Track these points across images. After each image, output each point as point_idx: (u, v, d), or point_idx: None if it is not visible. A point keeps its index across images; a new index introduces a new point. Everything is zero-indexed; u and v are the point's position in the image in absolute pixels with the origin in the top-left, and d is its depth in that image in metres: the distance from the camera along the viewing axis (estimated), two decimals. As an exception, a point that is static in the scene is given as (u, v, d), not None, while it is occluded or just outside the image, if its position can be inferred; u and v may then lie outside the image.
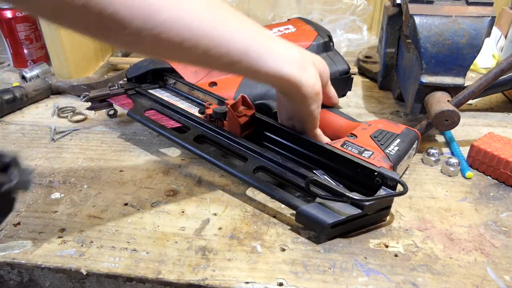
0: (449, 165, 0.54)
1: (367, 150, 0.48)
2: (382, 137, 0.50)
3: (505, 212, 0.48)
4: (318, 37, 0.68)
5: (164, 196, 0.51)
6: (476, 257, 0.42)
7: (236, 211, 0.48)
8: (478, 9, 0.57)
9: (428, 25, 0.57)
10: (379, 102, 0.75)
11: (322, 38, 0.68)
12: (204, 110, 0.57)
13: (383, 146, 0.49)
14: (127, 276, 0.40)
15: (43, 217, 0.48)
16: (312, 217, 0.43)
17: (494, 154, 0.53)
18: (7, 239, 0.44)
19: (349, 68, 0.67)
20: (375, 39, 0.99)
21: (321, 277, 0.40)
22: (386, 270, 0.41)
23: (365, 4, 0.97)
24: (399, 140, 0.50)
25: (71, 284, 0.42)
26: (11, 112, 0.71)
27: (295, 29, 0.69)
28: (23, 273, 0.43)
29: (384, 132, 0.51)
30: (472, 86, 0.57)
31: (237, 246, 0.43)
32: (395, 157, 0.47)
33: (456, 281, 0.40)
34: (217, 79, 0.64)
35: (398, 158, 0.48)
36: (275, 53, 0.43)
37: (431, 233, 0.45)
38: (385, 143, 0.49)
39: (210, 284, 0.39)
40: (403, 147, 0.49)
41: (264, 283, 0.39)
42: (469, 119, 0.69)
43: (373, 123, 0.53)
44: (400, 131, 0.52)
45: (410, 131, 0.52)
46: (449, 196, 0.51)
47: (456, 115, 0.54)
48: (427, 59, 0.57)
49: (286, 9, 1.03)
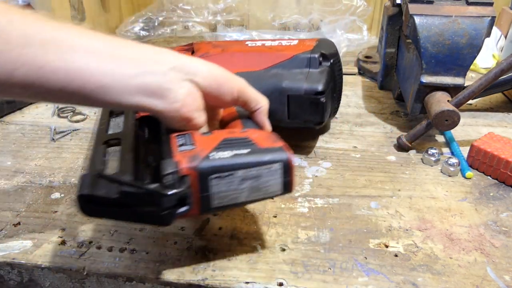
0: (449, 165, 0.54)
1: (192, 145, 0.37)
2: (230, 142, 0.38)
3: (505, 212, 0.48)
4: (306, 52, 0.57)
5: (164, 196, 0.51)
6: (476, 257, 0.42)
7: (236, 211, 0.48)
8: (478, 9, 0.57)
9: (428, 25, 0.57)
10: (379, 102, 0.75)
11: (311, 54, 0.56)
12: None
13: (216, 149, 0.36)
14: (127, 276, 0.40)
15: (43, 217, 0.48)
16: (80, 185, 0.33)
17: (494, 154, 0.53)
18: (7, 239, 0.44)
19: (321, 90, 0.53)
20: (375, 39, 0.99)
21: (321, 277, 0.40)
22: (386, 270, 0.41)
23: (365, 5, 0.98)
24: (243, 153, 0.36)
25: (71, 284, 0.42)
26: (11, 112, 0.71)
27: (297, 42, 0.62)
28: (23, 273, 0.43)
29: (240, 140, 0.38)
30: (472, 86, 0.57)
31: (237, 246, 0.43)
32: (209, 163, 0.35)
33: (456, 281, 0.40)
34: None
35: (217, 167, 0.35)
36: (117, 81, 0.34)
37: (431, 233, 0.45)
38: (222, 148, 0.37)
39: (210, 284, 0.39)
40: (236, 161, 0.35)
41: (264, 283, 0.39)
42: (469, 119, 0.69)
43: (254, 132, 0.40)
44: (264, 146, 0.37)
45: (275, 154, 0.36)
46: (449, 196, 0.51)
47: (456, 115, 0.54)
48: (427, 59, 0.57)
49: (286, 9, 1.03)
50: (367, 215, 0.48)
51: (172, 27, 1.05)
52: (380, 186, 0.53)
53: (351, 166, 0.56)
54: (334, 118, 0.69)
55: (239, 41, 0.65)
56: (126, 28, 0.98)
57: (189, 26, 1.05)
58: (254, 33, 0.98)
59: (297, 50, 0.58)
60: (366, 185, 0.53)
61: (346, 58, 0.92)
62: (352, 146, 0.61)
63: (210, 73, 0.38)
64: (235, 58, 0.59)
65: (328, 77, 0.56)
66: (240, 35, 0.99)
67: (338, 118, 0.69)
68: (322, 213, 0.48)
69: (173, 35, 1.05)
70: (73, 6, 0.77)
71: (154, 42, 1.04)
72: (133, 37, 0.98)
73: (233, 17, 1.05)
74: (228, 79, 0.40)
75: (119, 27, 0.98)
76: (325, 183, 0.53)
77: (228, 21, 1.05)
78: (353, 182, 0.53)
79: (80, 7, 0.79)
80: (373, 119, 0.69)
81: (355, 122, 0.68)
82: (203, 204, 0.36)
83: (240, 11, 1.04)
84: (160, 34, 1.03)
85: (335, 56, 0.58)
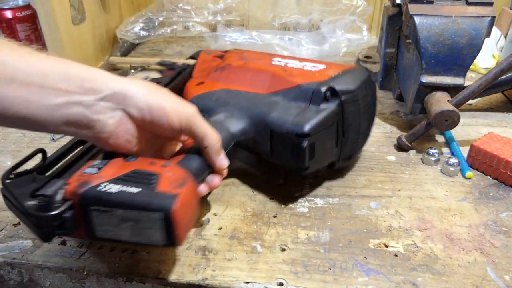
0: (449, 165, 0.54)
1: (97, 170, 0.37)
2: (134, 175, 0.36)
3: (505, 212, 0.48)
4: (314, 83, 0.48)
5: (164, 196, 0.51)
6: (476, 257, 0.42)
7: (236, 211, 0.48)
8: (478, 9, 0.57)
9: (428, 25, 0.57)
10: (379, 102, 0.75)
11: (318, 86, 0.47)
12: None
13: (115, 179, 0.35)
14: (127, 276, 0.40)
15: (43, 217, 0.48)
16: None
17: (494, 154, 0.53)
18: (7, 239, 0.44)
19: (305, 133, 0.44)
20: (375, 39, 0.99)
21: (321, 277, 0.40)
22: (386, 270, 0.41)
23: (365, 5, 0.98)
24: (131, 192, 0.34)
25: (71, 284, 0.42)
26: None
27: (323, 67, 0.52)
28: (23, 273, 0.43)
29: (146, 175, 0.36)
30: (472, 86, 0.57)
31: (237, 246, 0.43)
32: (92, 193, 0.34)
33: (456, 281, 0.40)
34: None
35: (97, 200, 0.34)
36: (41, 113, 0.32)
37: (431, 233, 0.45)
38: (121, 180, 0.35)
39: (210, 284, 0.39)
40: (116, 199, 0.34)
41: (264, 283, 0.39)
42: (469, 119, 0.69)
43: (169, 170, 0.37)
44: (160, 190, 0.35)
45: (161, 202, 0.33)
46: (449, 196, 0.51)
47: (456, 115, 0.54)
48: (427, 59, 0.57)
49: (286, 9, 1.03)
50: (367, 215, 0.48)
51: (172, 27, 1.05)
52: (380, 186, 0.53)
53: (351, 166, 0.56)
54: None
55: (268, 56, 0.57)
56: (126, 28, 0.98)
57: (189, 26, 1.05)
58: (254, 33, 0.98)
59: (308, 78, 0.50)
60: (366, 185, 0.53)
61: (346, 58, 0.92)
62: (352, 146, 0.61)
63: (148, 102, 0.36)
64: (248, 75, 0.54)
65: (327, 118, 0.46)
66: (240, 35, 0.99)
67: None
68: (322, 213, 0.48)
69: (173, 35, 1.05)
70: (73, 6, 0.77)
71: (154, 42, 1.04)
72: (133, 37, 0.98)
73: (233, 17, 1.05)
74: (172, 109, 0.37)
75: (119, 27, 0.98)
76: (325, 183, 0.53)
77: (228, 21, 1.05)
78: (353, 182, 0.53)
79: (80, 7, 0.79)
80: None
81: (355, 122, 0.68)
82: (88, 231, 0.35)
83: (240, 11, 1.04)
84: (160, 34, 1.03)
85: (350, 93, 0.47)
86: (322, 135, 0.46)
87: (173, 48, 1.01)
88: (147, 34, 1.01)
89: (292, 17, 1.04)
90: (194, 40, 1.05)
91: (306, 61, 0.55)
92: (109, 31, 0.95)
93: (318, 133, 0.45)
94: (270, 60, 0.56)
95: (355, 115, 0.49)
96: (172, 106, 0.37)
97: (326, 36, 0.95)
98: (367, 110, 0.51)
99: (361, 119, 0.50)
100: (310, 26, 1.04)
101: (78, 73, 0.34)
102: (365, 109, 0.50)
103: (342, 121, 0.48)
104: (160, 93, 0.38)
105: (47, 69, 0.33)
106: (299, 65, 0.54)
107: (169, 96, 0.38)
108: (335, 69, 0.51)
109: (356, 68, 0.52)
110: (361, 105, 0.49)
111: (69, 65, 0.34)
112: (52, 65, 0.33)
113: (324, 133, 0.46)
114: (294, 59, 0.55)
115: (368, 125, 0.53)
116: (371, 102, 0.52)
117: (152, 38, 1.03)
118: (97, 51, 0.88)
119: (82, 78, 0.34)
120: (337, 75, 0.50)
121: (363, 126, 0.51)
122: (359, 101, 0.49)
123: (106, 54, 0.93)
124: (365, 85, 0.50)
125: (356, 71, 0.51)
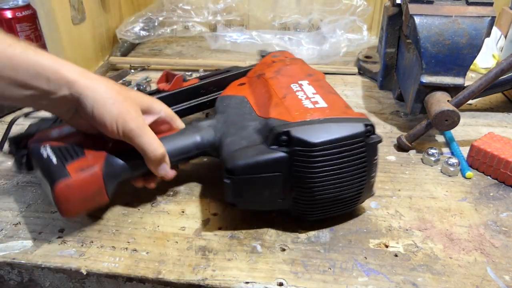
0: (449, 165, 0.54)
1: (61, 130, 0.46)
2: (65, 149, 0.43)
3: (505, 212, 0.48)
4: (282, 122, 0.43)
5: (164, 196, 0.51)
6: (476, 257, 0.42)
7: (236, 211, 0.48)
8: (478, 9, 0.57)
9: (428, 25, 0.57)
10: (379, 102, 0.75)
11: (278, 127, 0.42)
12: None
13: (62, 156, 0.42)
14: (127, 276, 0.40)
15: (43, 217, 0.48)
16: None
17: (494, 154, 0.53)
18: (7, 239, 0.44)
19: (229, 168, 0.41)
20: (375, 39, 0.99)
21: (321, 277, 0.40)
22: (386, 270, 0.41)
23: (365, 5, 0.98)
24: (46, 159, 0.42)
25: (71, 284, 0.42)
26: (11, 112, 0.71)
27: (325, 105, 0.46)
28: (23, 273, 0.43)
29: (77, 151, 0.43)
30: (472, 86, 0.57)
31: (237, 246, 0.43)
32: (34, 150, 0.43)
33: (456, 281, 0.40)
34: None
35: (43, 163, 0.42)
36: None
37: (431, 233, 0.45)
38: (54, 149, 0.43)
39: (210, 284, 0.39)
40: (42, 162, 0.42)
41: (264, 283, 0.39)
42: (469, 119, 0.69)
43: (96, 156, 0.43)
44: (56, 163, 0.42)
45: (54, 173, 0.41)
46: (449, 196, 0.51)
47: (456, 115, 0.54)
48: (427, 59, 0.57)
49: (286, 9, 1.03)
50: (367, 215, 0.48)
51: (172, 27, 1.05)
52: (380, 186, 0.53)
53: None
54: None
55: (297, 76, 0.52)
56: (126, 28, 0.98)
57: (189, 26, 1.05)
58: (254, 33, 0.98)
59: (286, 114, 0.44)
60: (366, 185, 0.53)
61: (346, 58, 0.92)
62: (352, 146, 0.61)
63: (92, 112, 0.40)
64: (262, 92, 0.51)
65: (268, 164, 0.41)
66: (240, 35, 0.99)
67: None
68: (322, 213, 0.48)
69: (173, 35, 1.05)
70: (73, 6, 0.77)
71: (154, 42, 1.04)
72: (133, 37, 0.98)
73: (233, 17, 1.05)
74: (112, 122, 0.41)
75: (119, 27, 0.98)
76: (325, 183, 0.53)
77: (228, 21, 1.05)
78: (353, 182, 0.53)
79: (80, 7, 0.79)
80: (373, 119, 0.69)
81: (355, 122, 0.68)
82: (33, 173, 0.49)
83: (240, 11, 1.04)
84: (160, 34, 1.03)
85: (308, 146, 0.40)
86: (257, 179, 0.42)
87: (173, 48, 1.01)
88: (147, 34, 1.01)
89: (292, 17, 1.03)
90: (194, 40, 1.05)
91: (318, 95, 0.47)
92: (109, 31, 0.95)
93: (251, 176, 0.41)
94: (291, 83, 0.50)
95: (313, 173, 0.41)
96: (114, 118, 0.41)
97: (326, 36, 0.95)
98: (346, 173, 0.41)
99: (328, 181, 0.41)
100: (310, 26, 1.04)
101: (48, 70, 0.39)
102: (341, 171, 0.41)
103: (292, 174, 0.41)
104: (110, 102, 0.41)
105: (20, 63, 0.38)
106: (304, 96, 0.47)
107: (118, 107, 0.41)
108: (330, 113, 0.44)
109: (357, 118, 0.43)
110: (329, 164, 0.41)
111: (40, 60, 0.39)
112: (26, 59, 0.38)
113: (261, 178, 0.42)
114: (312, 90, 0.49)
115: (350, 192, 0.43)
116: (358, 164, 0.42)
117: (152, 38, 1.03)
118: (97, 51, 0.88)
119: (48, 77, 0.39)
120: (317, 120, 0.42)
121: (334, 190, 0.42)
122: (323, 159, 0.40)
123: (106, 54, 0.93)
124: (348, 142, 0.41)
125: (348, 123, 0.42)
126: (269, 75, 0.54)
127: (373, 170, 0.44)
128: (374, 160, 0.43)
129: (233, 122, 0.48)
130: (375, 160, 0.43)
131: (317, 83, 0.50)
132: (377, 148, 0.43)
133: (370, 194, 0.47)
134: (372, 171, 0.44)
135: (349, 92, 0.78)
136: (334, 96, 0.48)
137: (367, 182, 0.44)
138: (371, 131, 0.42)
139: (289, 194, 0.43)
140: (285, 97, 0.48)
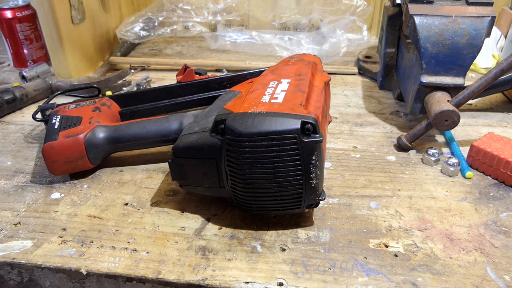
0: (449, 165, 0.54)
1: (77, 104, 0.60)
2: (71, 119, 0.55)
3: (505, 212, 0.48)
4: (227, 111, 0.44)
5: (164, 196, 0.51)
6: (476, 257, 0.42)
7: (236, 211, 0.48)
8: (478, 9, 0.57)
9: (428, 25, 0.57)
10: (379, 102, 0.75)
11: (220, 115, 0.43)
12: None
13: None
14: (127, 276, 0.40)
15: (43, 217, 0.48)
16: None
17: (494, 154, 0.53)
18: (7, 239, 0.44)
19: (172, 150, 0.46)
20: (375, 39, 0.99)
21: (321, 277, 0.40)
22: (386, 270, 0.41)
23: (365, 5, 0.97)
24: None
25: (71, 284, 0.42)
26: (11, 112, 0.71)
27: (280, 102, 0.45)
28: (23, 273, 0.43)
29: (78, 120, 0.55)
30: (472, 86, 0.57)
31: (237, 246, 0.43)
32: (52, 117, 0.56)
33: (456, 281, 0.40)
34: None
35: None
36: None
37: (431, 233, 0.45)
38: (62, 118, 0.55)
39: (210, 284, 0.39)
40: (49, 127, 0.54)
41: (264, 283, 0.39)
42: (469, 119, 0.69)
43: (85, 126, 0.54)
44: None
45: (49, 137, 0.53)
46: (449, 196, 0.51)
47: (456, 115, 0.54)
48: (427, 59, 0.57)
49: (286, 9, 1.03)
50: (367, 215, 0.48)
51: (172, 27, 1.05)
52: (380, 186, 0.53)
53: (351, 166, 0.56)
54: (334, 117, 0.69)
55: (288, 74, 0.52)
56: (126, 28, 0.98)
57: (189, 26, 1.05)
58: (254, 33, 0.98)
59: (238, 106, 0.45)
60: (366, 185, 0.53)
61: (346, 58, 0.92)
62: (352, 146, 0.61)
63: None
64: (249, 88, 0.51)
65: (204, 148, 0.43)
66: (240, 35, 0.99)
67: (338, 118, 0.69)
68: (322, 213, 0.48)
69: (173, 35, 1.05)
70: (73, 6, 0.77)
71: (154, 42, 1.04)
72: (133, 37, 0.98)
73: (233, 17, 1.05)
74: None
75: (119, 27, 0.98)
76: (325, 183, 0.53)
77: (228, 21, 1.05)
78: (353, 182, 0.53)
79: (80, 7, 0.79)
80: (373, 119, 0.69)
81: (355, 122, 0.68)
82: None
83: (240, 11, 1.04)
84: (160, 34, 1.03)
85: (236, 135, 0.41)
86: (195, 163, 0.44)
87: (173, 48, 1.01)
88: (147, 34, 1.01)
89: (292, 17, 1.03)
90: (194, 40, 1.05)
91: (285, 93, 0.46)
92: (109, 31, 0.95)
93: (189, 159, 0.45)
94: (272, 80, 0.50)
95: (242, 163, 0.41)
96: None
97: (326, 36, 0.95)
98: (279, 169, 0.41)
99: (259, 173, 0.41)
100: (310, 26, 1.04)
101: None
102: (273, 165, 0.41)
103: (226, 163, 0.43)
104: None
105: None
106: (270, 92, 0.47)
107: None
108: (277, 108, 0.43)
109: (299, 115, 0.41)
110: (259, 157, 0.40)
111: None
112: None
113: (199, 162, 0.44)
114: (285, 87, 0.48)
115: (287, 190, 0.42)
116: (292, 162, 0.41)
117: (152, 38, 1.03)
118: (97, 51, 0.88)
119: None
120: (257, 113, 0.42)
121: (268, 185, 0.42)
122: (251, 150, 0.40)
123: (106, 54, 0.93)
124: (279, 137, 0.40)
125: (286, 119, 0.40)
126: (264, 73, 0.55)
127: (313, 170, 0.41)
128: (313, 160, 0.41)
129: (207, 112, 0.51)
130: (313, 160, 0.41)
131: (296, 82, 0.49)
132: (317, 148, 0.40)
133: (318, 198, 0.43)
134: (311, 172, 0.41)
135: (349, 92, 0.78)
136: (299, 95, 0.46)
137: (307, 182, 0.42)
138: (310, 129, 0.40)
139: (227, 183, 0.44)
140: (252, 92, 0.48)
